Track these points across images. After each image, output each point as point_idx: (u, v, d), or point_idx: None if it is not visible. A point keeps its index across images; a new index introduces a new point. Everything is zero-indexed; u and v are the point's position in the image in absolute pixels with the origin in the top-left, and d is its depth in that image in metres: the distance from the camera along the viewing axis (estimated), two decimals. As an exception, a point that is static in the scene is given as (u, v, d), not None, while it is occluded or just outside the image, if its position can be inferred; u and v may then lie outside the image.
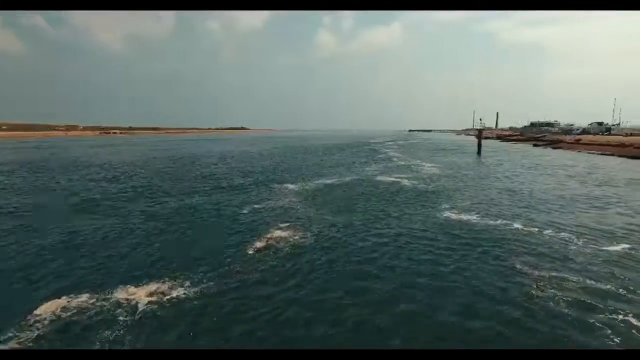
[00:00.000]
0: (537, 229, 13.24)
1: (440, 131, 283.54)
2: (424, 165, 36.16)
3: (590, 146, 54.21)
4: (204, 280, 8.96)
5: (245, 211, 16.26)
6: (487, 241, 11.94)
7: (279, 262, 10.18)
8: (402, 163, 38.98)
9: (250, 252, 10.98)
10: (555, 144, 66.40)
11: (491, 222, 14.36)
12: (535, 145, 69.87)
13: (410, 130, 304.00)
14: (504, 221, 14.41)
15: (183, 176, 28.13)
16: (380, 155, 50.05)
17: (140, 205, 17.74)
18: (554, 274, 9.30)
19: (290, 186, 22.94)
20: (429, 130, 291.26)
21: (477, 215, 15.35)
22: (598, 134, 74.31)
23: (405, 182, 24.64)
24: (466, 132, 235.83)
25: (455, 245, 11.53)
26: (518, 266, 9.79)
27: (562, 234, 12.72)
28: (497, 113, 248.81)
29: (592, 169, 32.51)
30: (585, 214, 15.71)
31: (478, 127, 53.19)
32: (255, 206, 17.24)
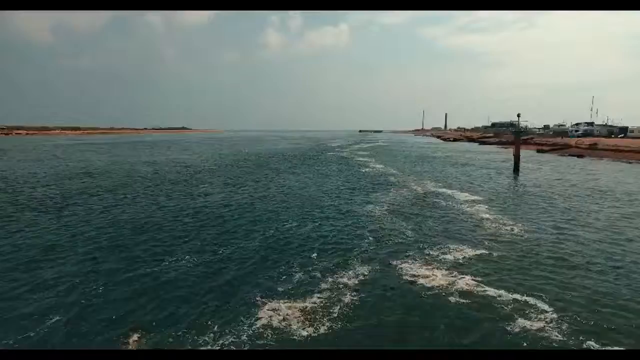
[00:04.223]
0: None
1: (393, 132, 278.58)
2: (458, 199, 19.75)
3: (632, 154, 40.99)
4: None
5: None
6: None
7: None
8: (417, 190, 22.24)
9: None
10: (566, 150, 53.66)
11: None
12: (539, 151, 56.73)
13: (360, 131, 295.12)
14: None
15: None
16: (363, 171, 33.13)
17: None
18: None
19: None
20: (379, 131, 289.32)
21: None
22: (610, 136, 62.70)
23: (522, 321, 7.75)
24: (422, 132, 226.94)
25: None
26: None
27: None
28: (446, 114, 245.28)
29: None
30: None
31: (515, 130, 37.69)
32: None
